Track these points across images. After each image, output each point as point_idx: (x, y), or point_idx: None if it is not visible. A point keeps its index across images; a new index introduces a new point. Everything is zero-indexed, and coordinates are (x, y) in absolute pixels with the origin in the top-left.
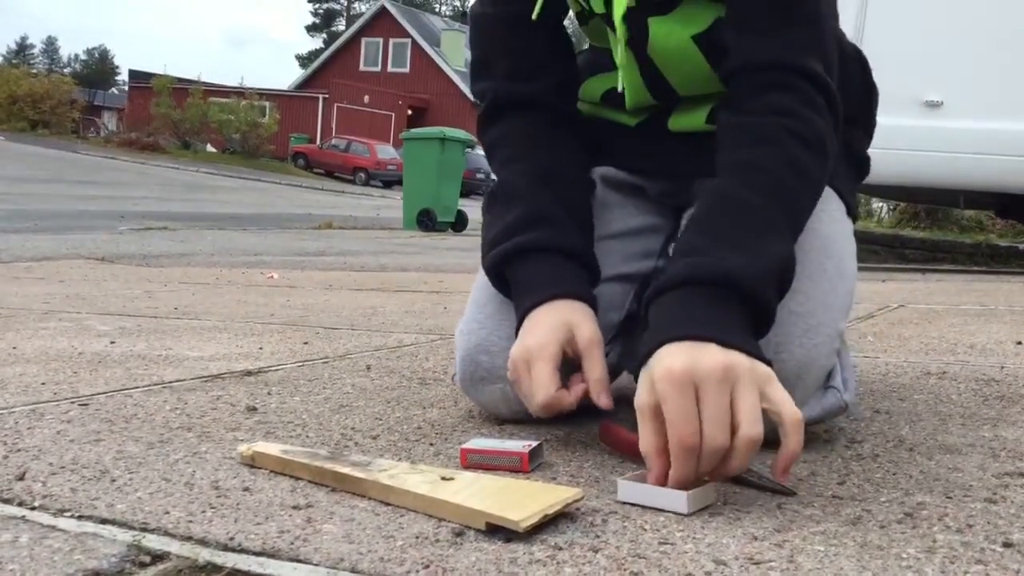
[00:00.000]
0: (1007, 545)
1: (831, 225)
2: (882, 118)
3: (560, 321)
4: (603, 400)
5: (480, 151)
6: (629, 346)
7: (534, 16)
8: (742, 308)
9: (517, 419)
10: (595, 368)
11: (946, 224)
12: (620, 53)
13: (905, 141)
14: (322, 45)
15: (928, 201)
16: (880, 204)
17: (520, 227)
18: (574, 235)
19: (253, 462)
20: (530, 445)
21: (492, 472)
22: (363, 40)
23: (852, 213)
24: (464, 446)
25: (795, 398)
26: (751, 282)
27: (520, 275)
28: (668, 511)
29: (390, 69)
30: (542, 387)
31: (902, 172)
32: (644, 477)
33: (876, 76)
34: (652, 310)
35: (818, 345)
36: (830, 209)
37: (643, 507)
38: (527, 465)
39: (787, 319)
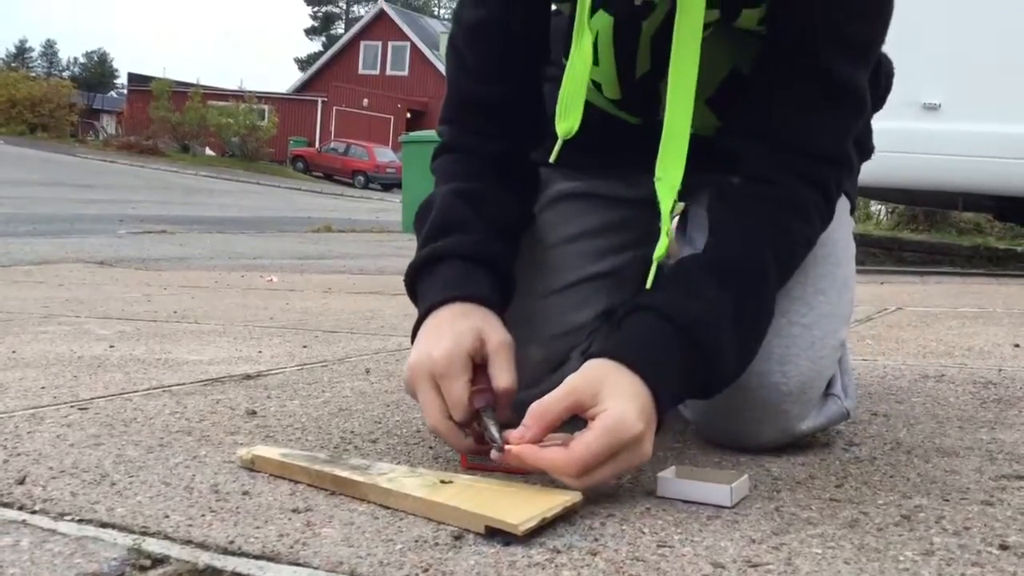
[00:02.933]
0: (1004, 547)
1: (839, 229)
2: (880, 121)
3: (468, 328)
4: (505, 414)
5: None
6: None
7: None
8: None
9: None
10: (504, 376)
11: (944, 227)
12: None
13: (904, 144)
14: (321, 48)
15: (927, 204)
16: (878, 206)
17: (429, 238)
18: (486, 240)
19: (252, 466)
20: None
21: (491, 475)
22: (362, 43)
23: (853, 209)
24: None
25: (798, 412)
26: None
27: (425, 283)
28: (710, 504)
29: (389, 72)
30: (460, 409)
31: (901, 175)
32: (682, 473)
33: None
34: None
35: (823, 358)
36: (838, 211)
37: (645, 509)
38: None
39: (794, 332)
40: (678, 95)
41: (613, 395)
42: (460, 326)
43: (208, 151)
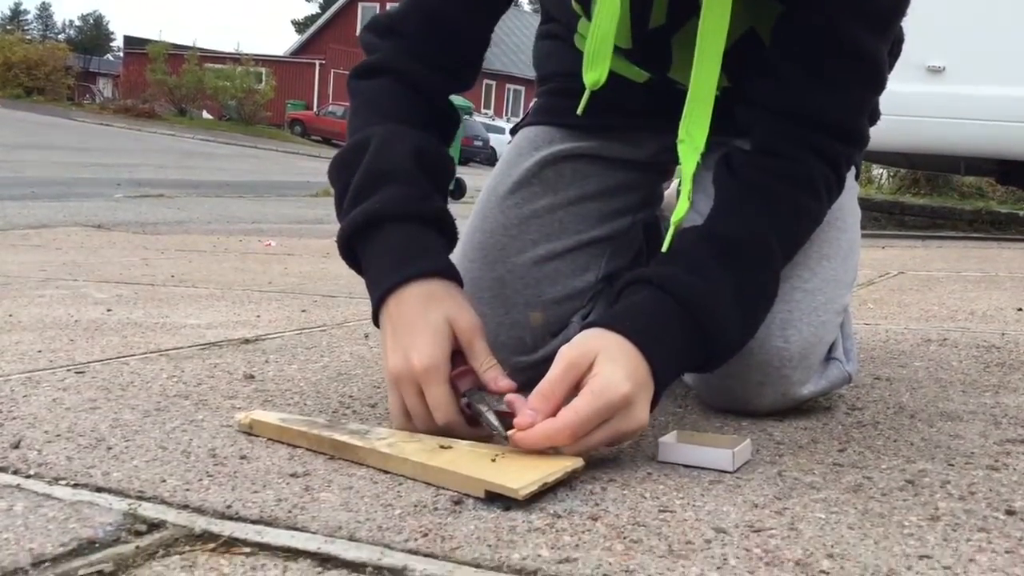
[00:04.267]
0: (1010, 512)
1: (844, 195)
2: None
3: (439, 321)
4: (503, 384)
5: (478, 118)
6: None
7: None
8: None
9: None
10: (483, 359)
11: (946, 190)
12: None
13: (907, 107)
14: (318, 10)
15: (929, 167)
16: (880, 170)
17: (364, 191)
18: (431, 195)
19: (251, 430)
20: None
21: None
22: (360, 5)
23: (858, 174)
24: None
25: (800, 376)
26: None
27: (372, 250)
28: (712, 469)
29: None
30: (443, 411)
31: (903, 138)
32: (683, 437)
33: None
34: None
35: (825, 323)
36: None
37: (647, 474)
38: None
39: (796, 296)
40: (705, 55)
41: (603, 360)
42: (432, 319)
43: (205, 114)
